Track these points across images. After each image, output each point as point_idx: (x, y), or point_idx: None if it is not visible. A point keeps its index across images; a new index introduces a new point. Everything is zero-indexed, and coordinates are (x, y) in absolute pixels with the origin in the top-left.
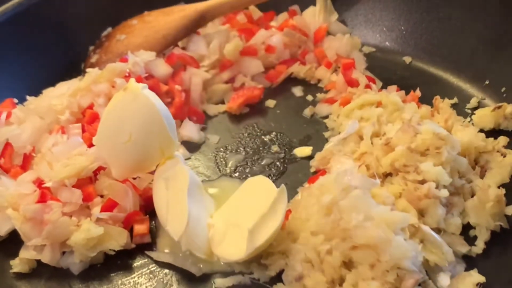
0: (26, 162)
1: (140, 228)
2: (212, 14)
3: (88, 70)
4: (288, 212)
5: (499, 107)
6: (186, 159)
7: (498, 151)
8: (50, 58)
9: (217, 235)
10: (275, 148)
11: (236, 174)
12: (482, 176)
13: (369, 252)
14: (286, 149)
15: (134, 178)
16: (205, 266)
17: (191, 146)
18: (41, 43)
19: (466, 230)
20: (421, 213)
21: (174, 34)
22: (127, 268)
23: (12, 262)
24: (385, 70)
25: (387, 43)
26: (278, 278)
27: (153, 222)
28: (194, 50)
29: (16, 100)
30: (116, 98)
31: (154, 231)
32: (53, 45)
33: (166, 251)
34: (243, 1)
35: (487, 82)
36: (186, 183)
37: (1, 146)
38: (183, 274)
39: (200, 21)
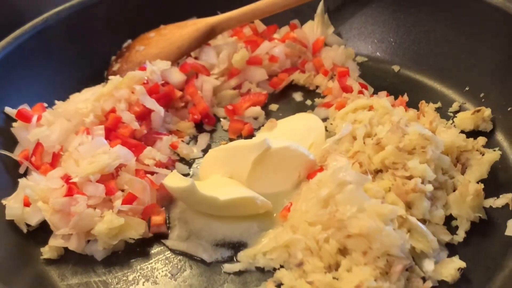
0: (55, 160)
1: (157, 219)
2: (221, 27)
3: (110, 77)
4: (290, 204)
5: (478, 111)
6: (198, 158)
7: (477, 150)
8: (76, 67)
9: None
10: None
11: None
12: (463, 172)
13: (362, 240)
14: None
15: (152, 174)
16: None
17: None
18: (68, 54)
19: (449, 221)
20: (409, 206)
21: (187, 45)
22: (145, 255)
23: (42, 249)
24: (376, 78)
25: (378, 53)
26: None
27: (168, 213)
28: (205, 59)
29: (46, 105)
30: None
31: (169, 222)
32: (79, 55)
33: (180, 240)
34: (249, 16)
35: (467, 89)
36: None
37: (32, 145)
38: (196, 260)
39: (211, 33)
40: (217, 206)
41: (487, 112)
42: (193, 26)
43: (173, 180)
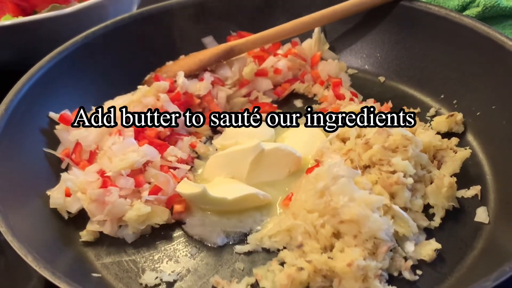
0: (92, 157)
1: (179, 207)
2: (239, 48)
3: (139, 86)
4: (291, 194)
5: (451, 115)
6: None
7: (451, 149)
8: (109, 78)
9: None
10: None
11: None
12: (438, 167)
13: (352, 226)
14: None
15: (174, 169)
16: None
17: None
18: (103, 66)
19: (427, 209)
20: (392, 196)
21: (208, 59)
22: (169, 238)
23: (81, 233)
24: (365, 87)
25: (366, 66)
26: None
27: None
28: (220, 72)
29: None
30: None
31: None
32: (112, 68)
33: (197, 226)
34: (263, 41)
35: (442, 96)
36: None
37: (72, 145)
38: (211, 243)
39: (230, 53)
40: (226, 204)
41: (459, 116)
42: (216, 47)
43: (186, 187)
